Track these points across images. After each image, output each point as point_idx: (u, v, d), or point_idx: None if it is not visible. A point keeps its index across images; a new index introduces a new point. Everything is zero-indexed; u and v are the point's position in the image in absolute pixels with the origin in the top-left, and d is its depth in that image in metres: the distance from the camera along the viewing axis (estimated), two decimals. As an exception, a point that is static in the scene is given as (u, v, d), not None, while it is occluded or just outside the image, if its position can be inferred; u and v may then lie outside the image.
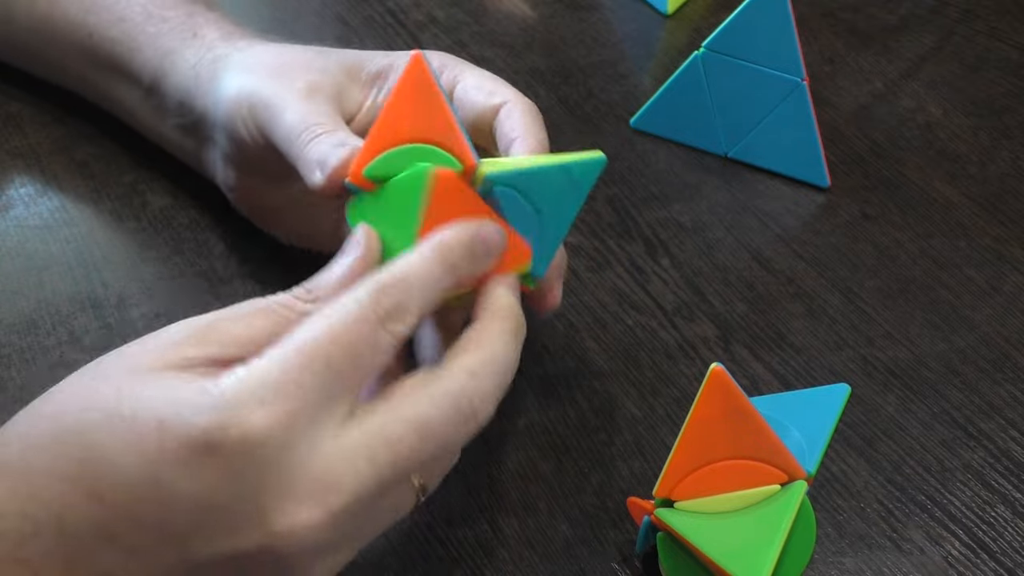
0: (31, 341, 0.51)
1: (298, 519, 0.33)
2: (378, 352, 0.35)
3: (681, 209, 0.60)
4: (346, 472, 0.33)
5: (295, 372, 0.33)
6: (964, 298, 0.56)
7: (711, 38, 0.60)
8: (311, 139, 0.44)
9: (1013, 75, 0.70)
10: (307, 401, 0.33)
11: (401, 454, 0.34)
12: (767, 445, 0.40)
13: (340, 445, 0.34)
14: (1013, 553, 0.46)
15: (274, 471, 0.33)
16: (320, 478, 0.33)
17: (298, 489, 0.33)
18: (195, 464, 0.32)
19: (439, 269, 0.37)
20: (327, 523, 0.33)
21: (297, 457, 0.33)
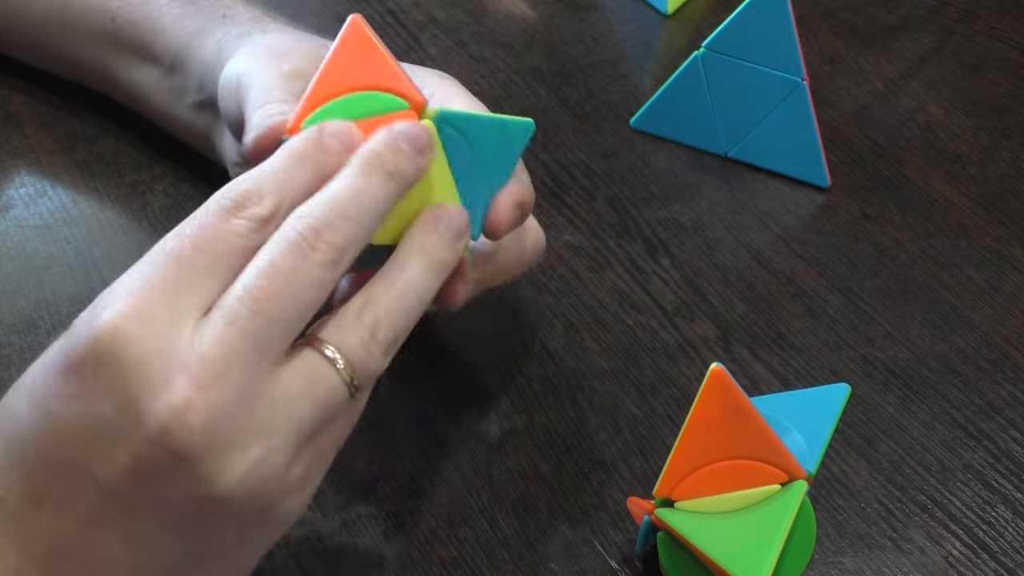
0: (31, 341, 0.51)
1: (173, 400, 0.32)
2: (230, 236, 0.34)
3: (681, 209, 0.60)
4: (204, 339, 0.33)
5: (139, 271, 0.34)
6: (964, 298, 0.56)
7: (711, 38, 0.60)
8: (257, 107, 0.44)
9: (1013, 75, 0.70)
10: (154, 293, 0.33)
11: (256, 299, 0.33)
12: (767, 445, 0.40)
13: (200, 323, 0.33)
14: (1013, 553, 0.46)
15: (138, 366, 0.32)
16: (182, 356, 0.32)
17: (166, 374, 0.32)
18: (67, 387, 0.33)
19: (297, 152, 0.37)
20: (204, 398, 0.32)
21: (156, 346, 0.32)
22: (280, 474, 0.34)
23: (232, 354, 0.33)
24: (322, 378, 0.34)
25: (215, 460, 0.32)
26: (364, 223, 0.36)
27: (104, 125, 0.61)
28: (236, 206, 0.35)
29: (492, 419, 0.49)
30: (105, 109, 0.61)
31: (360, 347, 0.35)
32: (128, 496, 0.33)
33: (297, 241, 0.34)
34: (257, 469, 0.33)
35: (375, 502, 0.46)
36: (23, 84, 0.63)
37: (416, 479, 0.47)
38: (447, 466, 0.48)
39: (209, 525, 0.34)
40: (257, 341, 0.33)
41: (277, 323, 0.34)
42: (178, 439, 0.32)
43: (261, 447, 0.33)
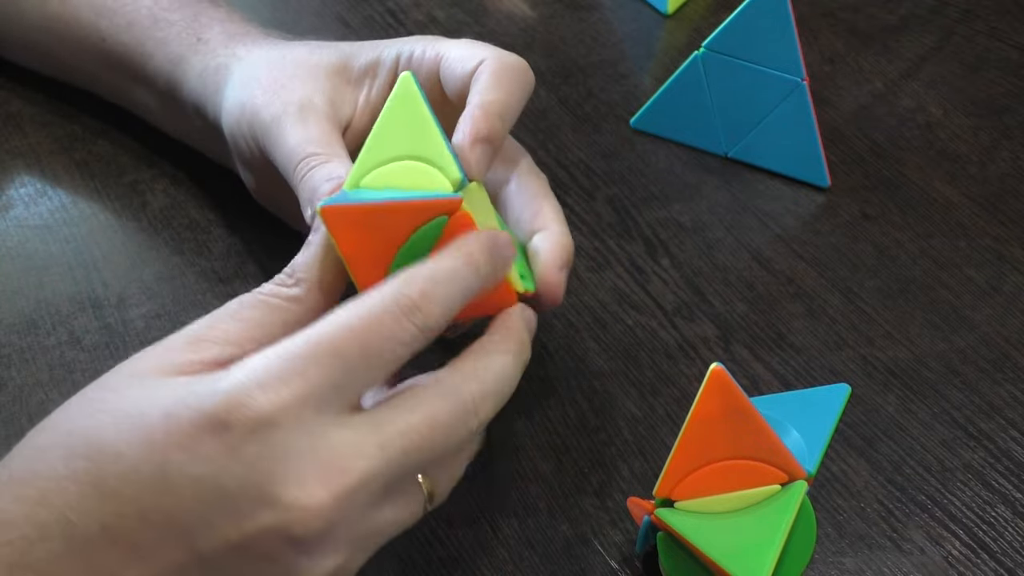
0: (31, 341, 0.51)
1: (306, 500, 0.32)
2: (398, 343, 0.35)
3: (681, 209, 0.60)
4: (355, 456, 0.33)
5: (300, 360, 0.34)
6: (964, 298, 0.56)
7: (711, 38, 0.60)
8: (305, 172, 0.44)
9: (1013, 75, 0.70)
10: (313, 387, 0.33)
11: (412, 443, 0.34)
12: (767, 445, 0.40)
13: (349, 431, 0.34)
14: (1013, 553, 0.46)
15: (280, 453, 0.33)
16: (328, 461, 0.33)
17: (305, 471, 0.33)
18: (200, 447, 0.32)
19: (464, 267, 0.37)
20: (334, 506, 0.33)
21: (304, 441, 0.33)
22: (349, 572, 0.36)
23: (373, 475, 0.34)
24: (415, 507, 0.37)
25: (314, 557, 0.34)
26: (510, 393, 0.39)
27: (104, 125, 0.61)
28: (411, 308, 0.35)
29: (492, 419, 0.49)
30: (105, 109, 0.61)
31: (448, 481, 0.38)
32: (220, 567, 0.33)
33: (469, 406, 0.36)
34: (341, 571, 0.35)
35: (375, 502, 0.46)
36: (23, 84, 0.63)
37: (416, 479, 0.47)
38: (447, 466, 0.48)
39: None
40: (394, 474, 0.34)
41: (416, 467, 0.35)
42: (299, 530, 0.33)
43: (354, 553, 0.35)
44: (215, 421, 0.32)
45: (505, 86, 0.44)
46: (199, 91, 0.52)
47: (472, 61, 0.45)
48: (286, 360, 0.34)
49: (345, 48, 0.50)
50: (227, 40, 0.53)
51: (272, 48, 0.51)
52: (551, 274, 0.44)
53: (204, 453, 0.32)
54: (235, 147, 0.50)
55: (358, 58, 0.49)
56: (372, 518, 0.35)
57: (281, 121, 0.46)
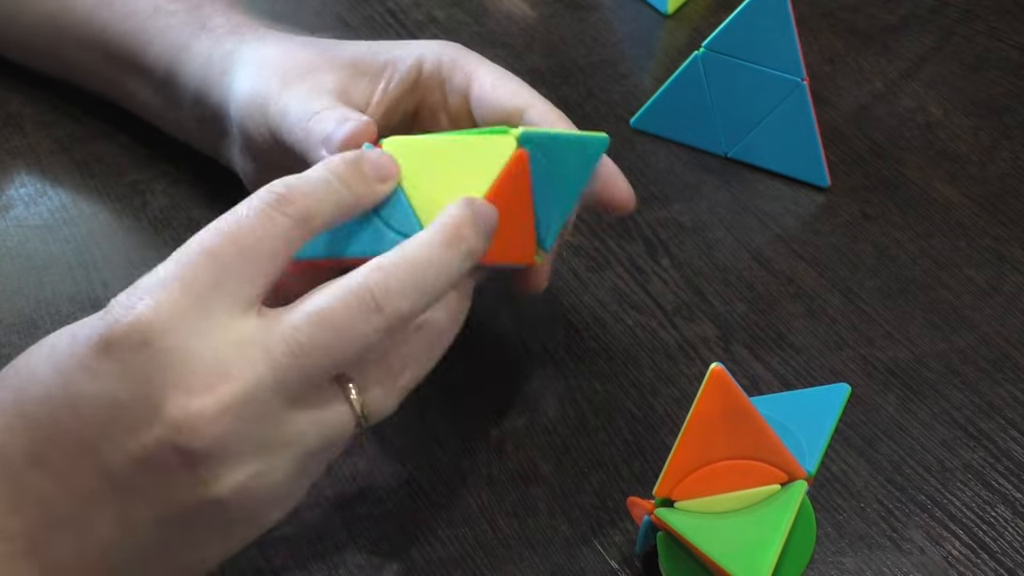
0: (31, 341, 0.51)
1: (191, 408, 0.32)
2: (272, 236, 0.35)
3: (681, 209, 0.60)
4: (238, 360, 0.33)
5: (175, 265, 0.34)
6: (964, 298, 0.56)
7: (711, 38, 0.60)
8: (311, 118, 0.44)
9: (1013, 75, 0.70)
10: (193, 290, 0.33)
11: (300, 343, 0.34)
12: (767, 445, 0.40)
13: (234, 334, 0.33)
14: (1013, 553, 0.46)
15: (164, 361, 0.33)
16: (211, 367, 0.33)
17: (189, 378, 0.33)
18: (95, 363, 0.33)
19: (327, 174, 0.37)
20: (222, 414, 0.33)
21: (187, 346, 0.33)
22: (273, 489, 0.35)
23: (258, 380, 0.33)
24: (337, 417, 0.36)
25: (217, 467, 0.33)
26: (432, 295, 0.36)
27: (104, 125, 0.61)
28: (280, 201, 0.35)
29: (492, 419, 0.49)
30: (105, 109, 0.61)
31: (381, 393, 0.37)
32: (128, 483, 0.33)
33: (365, 299, 0.35)
34: (253, 482, 0.34)
35: (375, 502, 0.46)
36: (23, 84, 0.63)
37: (416, 479, 0.47)
38: (447, 466, 0.48)
39: (196, 523, 0.34)
40: (285, 378, 0.34)
41: (312, 370, 0.34)
42: (186, 441, 0.33)
43: (262, 464, 0.34)
44: (106, 336, 0.33)
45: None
46: (202, 77, 0.52)
47: (517, 99, 0.47)
48: (163, 269, 0.34)
49: (363, 45, 0.50)
50: (234, 28, 0.53)
51: (285, 39, 0.52)
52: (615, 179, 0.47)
53: (98, 369, 0.33)
54: (243, 131, 0.50)
55: (375, 56, 0.49)
56: (278, 426, 0.34)
57: (293, 101, 0.46)
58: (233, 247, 0.34)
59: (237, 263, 0.34)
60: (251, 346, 0.33)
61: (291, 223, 0.35)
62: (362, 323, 0.35)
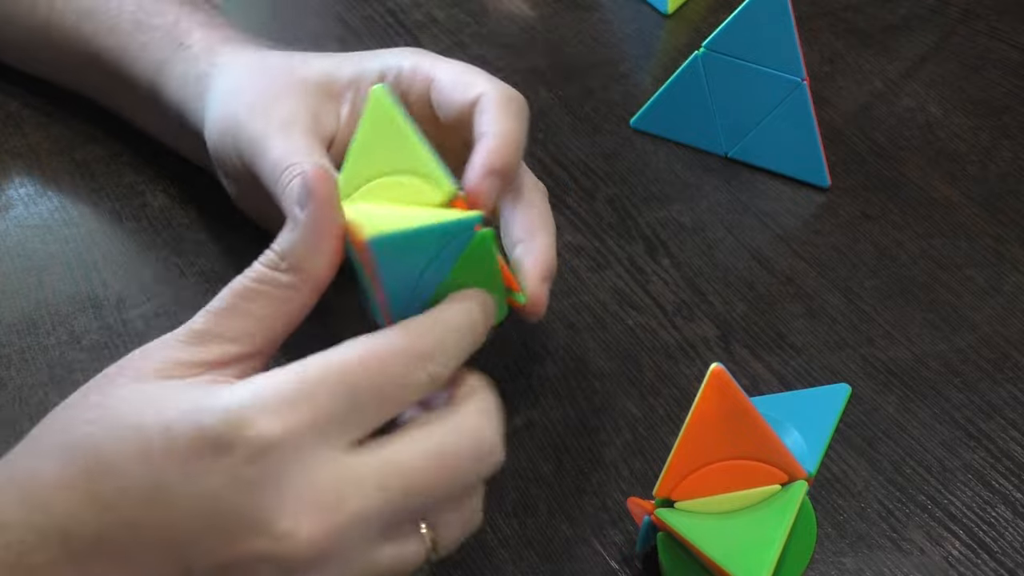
0: (31, 341, 0.51)
1: (300, 531, 0.32)
2: (408, 389, 0.35)
3: (681, 209, 0.60)
4: (353, 491, 0.33)
5: (311, 385, 0.33)
6: (964, 298, 0.56)
7: (711, 38, 0.60)
8: (290, 180, 0.44)
9: (1013, 75, 0.70)
10: (319, 417, 0.33)
11: (414, 481, 0.34)
12: (767, 445, 0.40)
13: (350, 465, 0.33)
14: (1014, 553, 0.46)
15: (279, 480, 0.32)
16: (326, 493, 0.33)
17: (303, 501, 0.32)
18: (199, 466, 0.32)
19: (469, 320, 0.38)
20: (327, 539, 0.33)
21: (304, 470, 0.33)
22: None
23: (368, 512, 0.33)
24: (413, 552, 0.36)
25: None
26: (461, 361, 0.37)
27: (104, 125, 0.61)
28: (427, 356, 0.35)
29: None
30: (105, 110, 0.61)
31: (455, 539, 0.37)
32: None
33: (477, 452, 0.35)
34: None
35: (375, 502, 0.46)
36: (23, 85, 0.63)
37: (416, 479, 0.47)
38: (447, 466, 0.47)
39: None
40: (392, 512, 0.34)
41: (417, 508, 0.35)
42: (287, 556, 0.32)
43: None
44: (216, 441, 0.32)
45: (513, 119, 0.44)
46: (180, 98, 0.52)
47: (471, 90, 0.45)
48: (295, 384, 0.33)
49: (329, 62, 0.49)
50: (208, 47, 0.52)
51: (254, 58, 0.51)
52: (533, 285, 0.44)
53: (201, 473, 0.32)
54: (218, 160, 0.50)
55: (342, 71, 0.49)
56: (368, 556, 0.34)
57: (265, 137, 0.46)
58: (371, 387, 0.34)
59: (370, 404, 0.34)
60: (367, 479, 0.33)
61: (428, 381, 0.35)
62: (475, 470, 0.36)
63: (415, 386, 0.35)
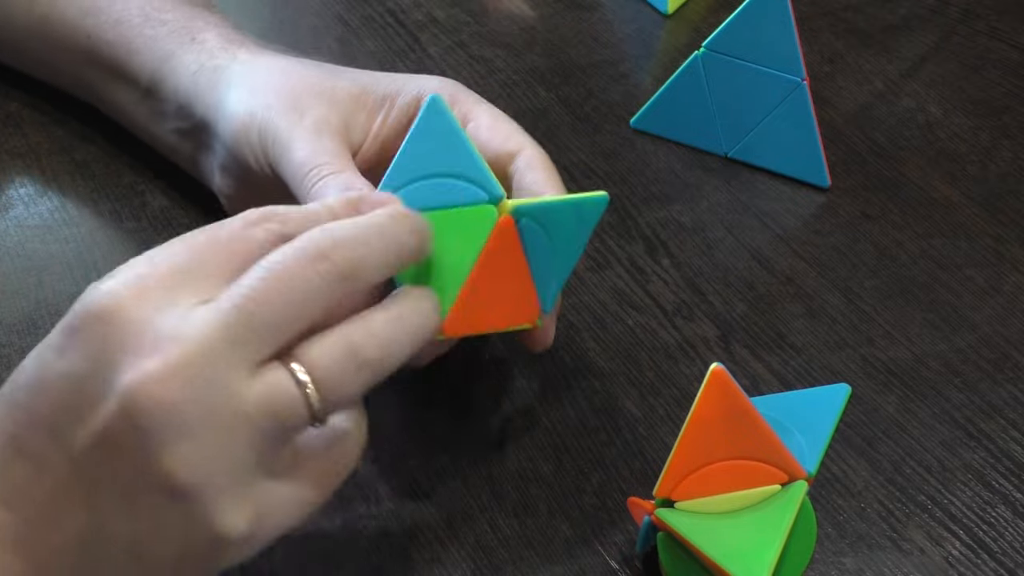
0: (31, 341, 0.51)
1: (139, 371, 0.32)
2: (249, 241, 0.35)
3: (681, 209, 0.60)
4: (188, 321, 0.33)
5: (152, 252, 0.35)
6: (964, 298, 0.56)
7: (711, 38, 0.60)
8: (317, 181, 0.44)
9: (1013, 75, 0.70)
10: (155, 270, 0.34)
11: (248, 297, 0.33)
12: (767, 445, 0.40)
13: (193, 311, 0.33)
14: (1014, 553, 0.46)
15: (122, 334, 0.33)
16: (163, 333, 0.33)
17: (141, 344, 0.33)
18: (63, 341, 0.34)
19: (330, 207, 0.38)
20: (172, 376, 0.32)
21: (142, 319, 0.33)
22: (228, 475, 0.33)
23: (209, 343, 0.33)
24: (284, 394, 0.34)
25: (166, 438, 0.32)
26: (381, 257, 0.36)
27: (104, 126, 0.61)
28: (262, 218, 0.36)
29: (492, 419, 0.49)
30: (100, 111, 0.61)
31: (335, 369, 0.35)
32: (91, 466, 0.33)
33: (308, 249, 0.35)
34: (204, 460, 0.33)
35: (375, 502, 0.46)
36: (22, 85, 0.63)
37: (416, 479, 0.47)
38: (447, 466, 0.48)
39: (153, 508, 0.33)
40: (236, 334, 0.33)
41: (262, 322, 0.33)
42: (137, 408, 0.32)
43: (212, 440, 0.33)
44: (72, 315, 0.34)
45: (558, 182, 0.47)
46: (189, 90, 0.52)
47: (510, 143, 0.47)
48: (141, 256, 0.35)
49: (365, 76, 0.50)
50: (225, 43, 0.53)
51: (280, 59, 0.51)
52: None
53: (64, 347, 0.34)
54: (234, 152, 0.50)
55: (377, 87, 0.49)
56: (228, 395, 0.33)
57: (293, 135, 0.46)
58: (207, 241, 0.35)
59: (208, 253, 0.35)
60: (205, 313, 0.33)
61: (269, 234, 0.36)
62: (308, 269, 0.34)
63: (257, 238, 0.35)
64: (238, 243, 0.35)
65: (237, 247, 0.35)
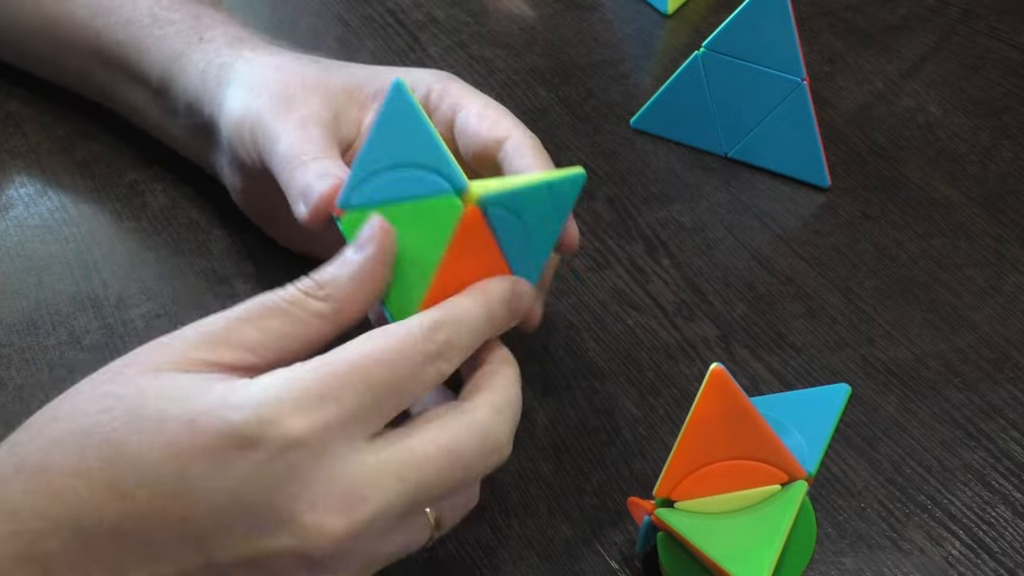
0: (31, 341, 0.51)
1: (325, 526, 0.33)
2: (421, 384, 0.36)
3: (681, 209, 0.60)
4: (375, 486, 0.34)
5: (337, 384, 0.34)
6: (964, 298, 0.56)
7: (711, 38, 0.60)
8: (296, 167, 0.44)
9: (1013, 75, 0.70)
10: (343, 415, 0.34)
11: (429, 475, 0.35)
12: (767, 445, 0.40)
13: (371, 461, 0.34)
14: (1014, 553, 0.46)
15: (304, 477, 0.33)
16: (350, 489, 0.34)
17: (328, 497, 0.33)
18: (226, 460, 0.32)
19: (484, 316, 0.38)
20: (351, 534, 0.34)
21: (328, 466, 0.33)
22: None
23: (389, 506, 0.34)
24: (420, 537, 0.37)
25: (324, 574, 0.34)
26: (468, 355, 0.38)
27: (104, 125, 0.61)
28: (438, 354, 0.36)
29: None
30: (105, 109, 0.61)
31: (453, 519, 0.38)
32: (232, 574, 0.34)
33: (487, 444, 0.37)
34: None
35: (375, 502, 0.46)
36: (22, 84, 0.63)
37: (416, 479, 0.47)
38: (447, 466, 0.47)
39: None
40: (410, 505, 0.35)
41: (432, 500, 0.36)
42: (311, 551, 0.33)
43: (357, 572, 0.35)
44: (243, 437, 0.32)
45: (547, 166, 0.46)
46: (197, 88, 0.52)
47: (498, 129, 0.46)
48: (322, 382, 0.34)
49: (358, 71, 0.50)
50: (232, 41, 0.53)
51: (281, 56, 0.51)
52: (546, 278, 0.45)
53: (229, 466, 0.32)
54: (231, 149, 0.50)
55: (370, 81, 0.49)
56: (383, 543, 0.36)
57: (282, 126, 0.46)
58: (388, 384, 0.35)
59: (388, 400, 0.35)
60: (387, 473, 0.34)
61: (438, 376, 0.36)
62: (483, 466, 0.37)
63: (426, 383, 0.36)
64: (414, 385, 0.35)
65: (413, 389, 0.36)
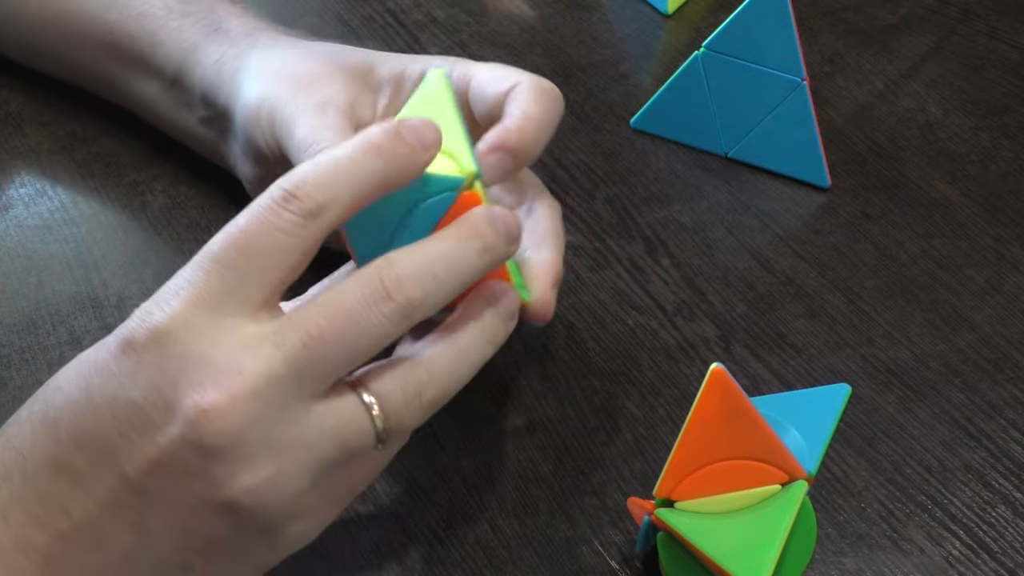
0: (31, 341, 0.51)
1: (205, 403, 0.33)
2: (278, 232, 0.34)
3: (681, 209, 0.60)
4: (251, 356, 0.33)
5: (192, 273, 0.35)
6: (964, 298, 0.56)
7: (711, 38, 0.60)
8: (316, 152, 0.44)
9: (1013, 75, 0.70)
10: (204, 297, 0.34)
11: (311, 334, 0.34)
12: (767, 445, 0.40)
13: (250, 332, 0.34)
14: (1014, 553, 0.46)
15: (178, 363, 0.33)
16: (224, 363, 0.33)
17: (202, 376, 0.33)
18: (113, 366, 0.34)
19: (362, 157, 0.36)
20: (236, 408, 0.33)
21: (200, 347, 0.33)
22: (288, 498, 0.34)
23: (272, 377, 0.34)
24: (354, 422, 0.35)
25: (231, 466, 0.33)
26: (448, 287, 0.36)
27: (104, 125, 0.61)
28: (287, 197, 0.35)
29: (492, 419, 0.49)
30: (105, 109, 0.61)
31: (402, 402, 0.36)
32: (144, 487, 0.34)
33: (375, 287, 0.35)
34: (267, 486, 0.34)
35: (375, 502, 0.46)
36: (23, 84, 0.63)
37: (416, 479, 0.47)
38: (447, 466, 0.48)
39: (210, 528, 0.34)
40: (300, 371, 0.34)
41: (326, 361, 0.34)
42: (200, 436, 0.33)
43: (276, 468, 0.34)
44: (123, 341, 0.34)
45: (539, 105, 0.44)
46: (212, 78, 0.52)
47: (505, 83, 0.46)
48: (179, 277, 0.35)
49: (372, 55, 0.50)
50: (248, 31, 0.53)
51: (296, 45, 0.52)
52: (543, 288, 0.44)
53: (116, 371, 0.34)
54: (248, 137, 0.50)
55: (385, 67, 0.49)
56: (292, 425, 0.34)
57: (300, 112, 0.47)
58: (238, 252, 0.35)
59: (245, 267, 0.34)
60: (263, 342, 0.34)
61: (297, 220, 0.35)
62: (373, 310, 0.35)
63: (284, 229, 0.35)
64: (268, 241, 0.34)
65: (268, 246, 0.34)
